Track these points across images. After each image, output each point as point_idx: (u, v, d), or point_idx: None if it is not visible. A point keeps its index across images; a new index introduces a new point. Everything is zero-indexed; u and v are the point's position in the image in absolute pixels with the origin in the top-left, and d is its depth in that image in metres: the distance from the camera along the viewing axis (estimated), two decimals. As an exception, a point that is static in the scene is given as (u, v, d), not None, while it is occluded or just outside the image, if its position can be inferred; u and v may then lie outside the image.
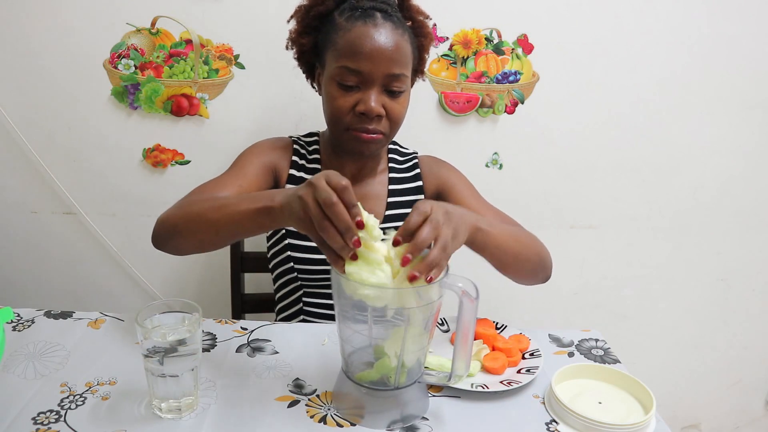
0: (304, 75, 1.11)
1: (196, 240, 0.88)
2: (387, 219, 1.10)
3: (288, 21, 1.06)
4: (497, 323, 1.00)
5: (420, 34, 1.05)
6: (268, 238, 1.14)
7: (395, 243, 0.71)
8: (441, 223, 0.72)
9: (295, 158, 1.10)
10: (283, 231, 1.08)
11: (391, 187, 1.13)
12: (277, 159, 1.08)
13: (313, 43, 1.04)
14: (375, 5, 0.98)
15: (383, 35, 0.95)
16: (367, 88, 0.97)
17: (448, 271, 0.73)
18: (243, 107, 1.37)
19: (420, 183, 1.15)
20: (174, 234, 0.89)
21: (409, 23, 1.03)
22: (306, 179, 1.08)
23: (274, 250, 1.12)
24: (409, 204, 1.13)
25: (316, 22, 1.02)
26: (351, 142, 1.01)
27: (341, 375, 0.79)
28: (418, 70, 1.08)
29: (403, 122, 1.03)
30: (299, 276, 1.08)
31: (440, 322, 1.01)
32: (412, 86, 1.05)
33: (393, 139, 1.12)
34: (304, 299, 1.10)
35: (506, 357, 0.89)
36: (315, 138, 1.15)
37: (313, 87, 1.12)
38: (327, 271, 1.05)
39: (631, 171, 1.52)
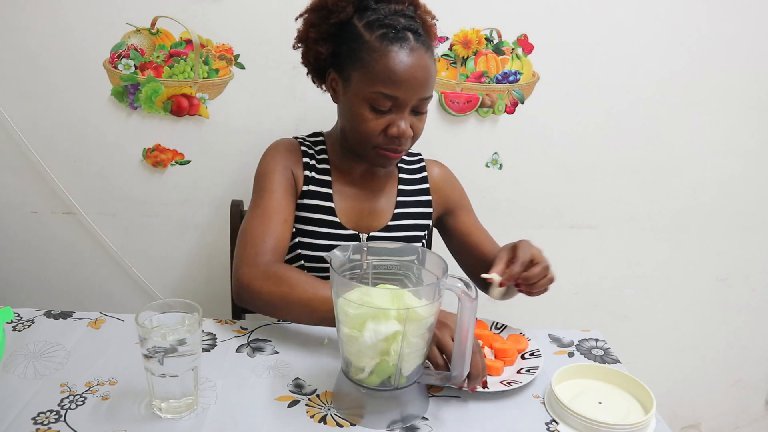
0: (306, 75, 1.11)
1: (288, 319, 0.95)
2: (395, 217, 1.12)
3: (296, 19, 1.05)
4: (494, 323, 1.01)
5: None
6: None
7: (501, 285, 0.89)
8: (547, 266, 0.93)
9: (305, 159, 1.10)
10: (294, 229, 1.07)
11: (401, 187, 1.15)
12: (292, 164, 1.09)
13: (331, 51, 1.03)
14: (407, 25, 0.97)
15: (419, 60, 0.95)
16: (400, 111, 0.98)
17: (447, 272, 0.73)
18: (243, 107, 1.37)
19: (427, 185, 1.17)
20: (268, 309, 0.94)
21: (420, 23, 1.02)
22: (318, 179, 1.08)
23: None
24: (417, 204, 1.14)
25: (335, 29, 1.01)
26: (377, 159, 1.03)
27: (341, 375, 0.79)
28: None
29: None
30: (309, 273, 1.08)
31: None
32: None
33: None
34: None
35: (502, 361, 0.89)
36: (320, 138, 1.15)
37: (321, 88, 1.11)
38: None
39: (631, 171, 1.52)
